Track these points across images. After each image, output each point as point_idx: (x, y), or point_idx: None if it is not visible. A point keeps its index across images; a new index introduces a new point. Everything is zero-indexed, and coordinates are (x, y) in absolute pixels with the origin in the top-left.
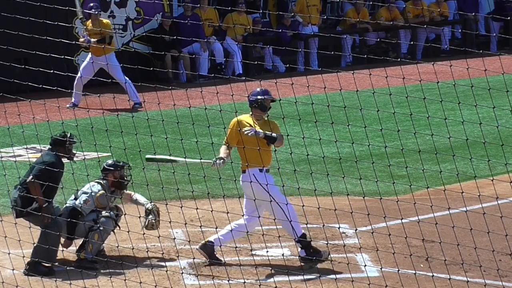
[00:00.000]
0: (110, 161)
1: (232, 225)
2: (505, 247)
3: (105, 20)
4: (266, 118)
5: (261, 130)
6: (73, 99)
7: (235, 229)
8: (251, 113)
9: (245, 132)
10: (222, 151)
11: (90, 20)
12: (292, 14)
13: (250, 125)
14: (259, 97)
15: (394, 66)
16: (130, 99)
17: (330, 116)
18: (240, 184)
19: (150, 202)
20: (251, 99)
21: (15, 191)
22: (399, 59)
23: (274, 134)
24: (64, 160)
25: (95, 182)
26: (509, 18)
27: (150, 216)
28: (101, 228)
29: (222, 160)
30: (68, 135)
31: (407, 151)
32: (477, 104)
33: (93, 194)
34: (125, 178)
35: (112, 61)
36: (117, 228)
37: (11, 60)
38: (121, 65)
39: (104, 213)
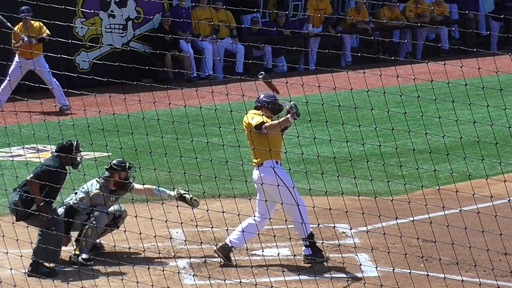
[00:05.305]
0: (116, 161)
1: (242, 226)
2: (506, 246)
3: (36, 23)
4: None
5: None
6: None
7: (246, 231)
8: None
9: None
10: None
11: (20, 24)
12: (289, 13)
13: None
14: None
15: (394, 66)
16: (58, 102)
17: (325, 116)
18: (256, 180)
19: (174, 189)
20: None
21: (15, 194)
22: (393, 58)
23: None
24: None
25: (95, 180)
26: (502, 17)
27: (187, 196)
28: (94, 223)
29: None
30: (75, 143)
31: (417, 151)
32: (471, 104)
33: (89, 192)
34: (129, 180)
35: (41, 64)
36: (116, 228)
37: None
38: (117, 63)
39: (98, 207)
